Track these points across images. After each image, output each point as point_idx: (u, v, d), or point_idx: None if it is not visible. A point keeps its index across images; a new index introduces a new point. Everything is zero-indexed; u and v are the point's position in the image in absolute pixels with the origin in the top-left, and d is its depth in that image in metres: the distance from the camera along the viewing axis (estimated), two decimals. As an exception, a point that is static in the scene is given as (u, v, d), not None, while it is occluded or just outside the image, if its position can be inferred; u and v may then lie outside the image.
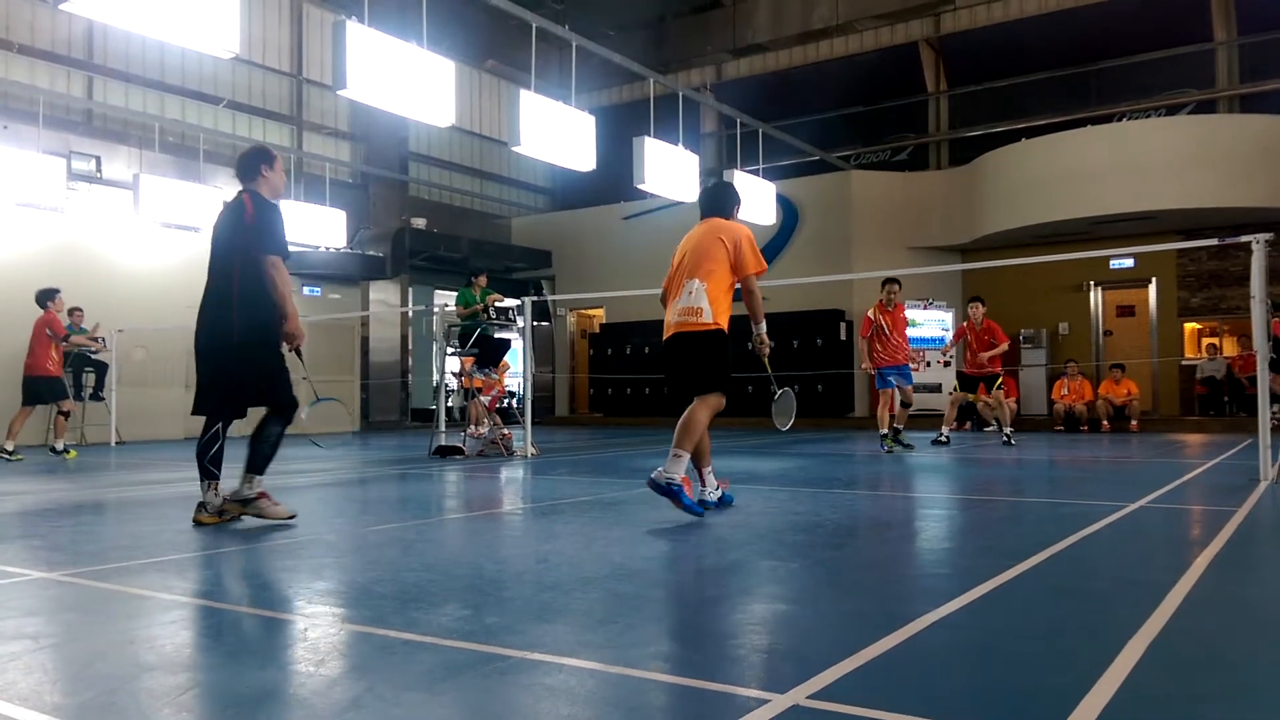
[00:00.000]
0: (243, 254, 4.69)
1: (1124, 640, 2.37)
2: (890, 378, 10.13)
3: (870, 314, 10.23)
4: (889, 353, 10.09)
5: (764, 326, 5.25)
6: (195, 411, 4.77)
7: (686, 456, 4.77)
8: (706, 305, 4.93)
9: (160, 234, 14.26)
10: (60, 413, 10.38)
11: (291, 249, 4.63)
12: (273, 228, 4.72)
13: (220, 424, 4.73)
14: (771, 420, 5.70)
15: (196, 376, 4.76)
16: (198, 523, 4.70)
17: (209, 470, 4.69)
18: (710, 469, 5.15)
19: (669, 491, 4.71)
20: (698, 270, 4.97)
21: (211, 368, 4.71)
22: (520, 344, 10.96)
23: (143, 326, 13.35)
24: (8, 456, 9.82)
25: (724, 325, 4.98)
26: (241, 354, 4.66)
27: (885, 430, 9.98)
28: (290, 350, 4.79)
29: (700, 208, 5.36)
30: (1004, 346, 10.81)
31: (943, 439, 10.83)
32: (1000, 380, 11.10)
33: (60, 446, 10.26)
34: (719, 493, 5.13)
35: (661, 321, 5.21)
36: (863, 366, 10.64)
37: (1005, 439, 10.87)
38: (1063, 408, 14.68)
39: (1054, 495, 6.12)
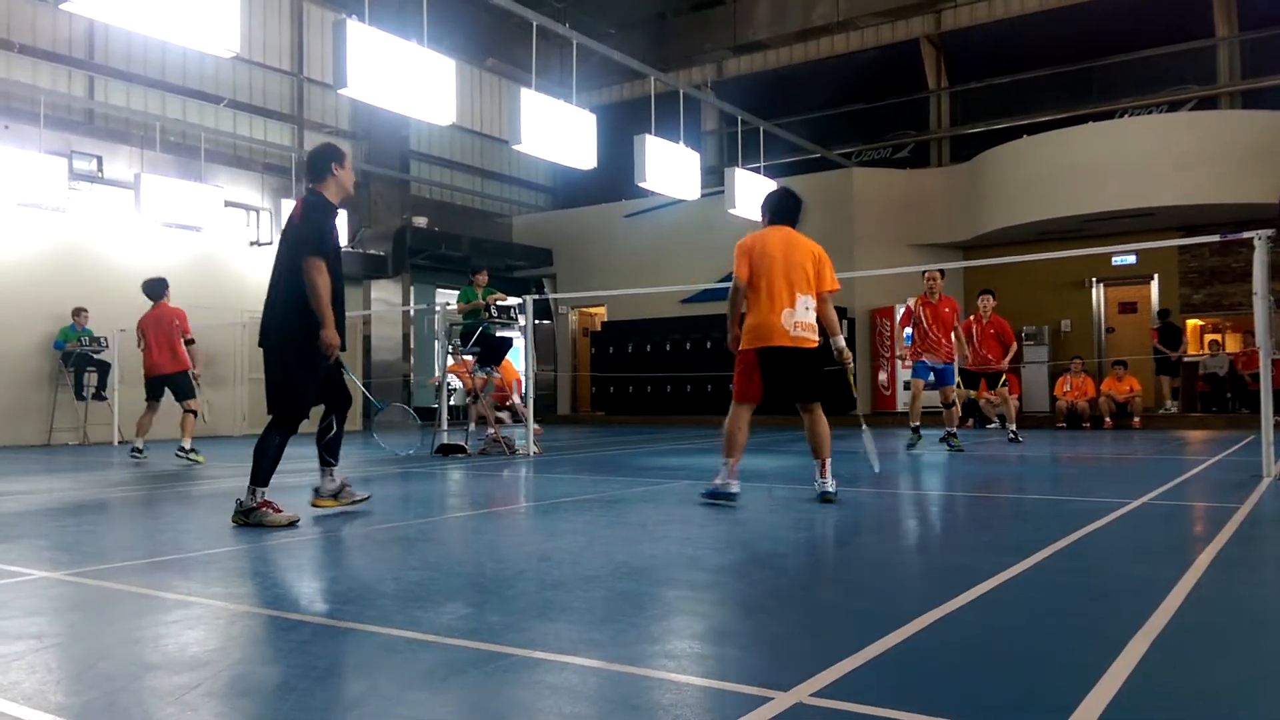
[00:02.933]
0: (289, 256, 4.67)
1: (1127, 637, 2.37)
2: (925, 369, 9.67)
3: (911, 304, 9.83)
4: (925, 347, 9.61)
5: (842, 339, 5.63)
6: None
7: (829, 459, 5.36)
8: (817, 325, 5.43)
9: (162, 233, 14.26)
10: (187, 411, 9.44)
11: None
12: (319, 229, 4.67)
13: (334, 416, 4.98)
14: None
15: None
16: (315, 505, 5.01)
17: (324, 459, 4.99)
18: (828, 460, 5.44)
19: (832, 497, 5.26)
20: (808, 287, 5.35)
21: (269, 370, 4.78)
22: (522, 342, 10.97)
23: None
24: (137, 455, 9.31)
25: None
26: (271, 355, 4.75)
27: (915, 423, 9.62)
28: (330, 359, 4.75)
29: (771, 212, 5.65)
30: (1014, 348, 10.74)
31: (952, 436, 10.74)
32: (1004, 377, 10.94)
33: (188, 445, 9.22)
34: (834, 483, 5.39)
35: (666, 319, 5.35)
36: (900, 357, 10.42)
37: (1011, 436, 10.73)
38: (1065, 405, 14.66)
39: (1056, 492, 6.12)
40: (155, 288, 9.56)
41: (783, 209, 5.65)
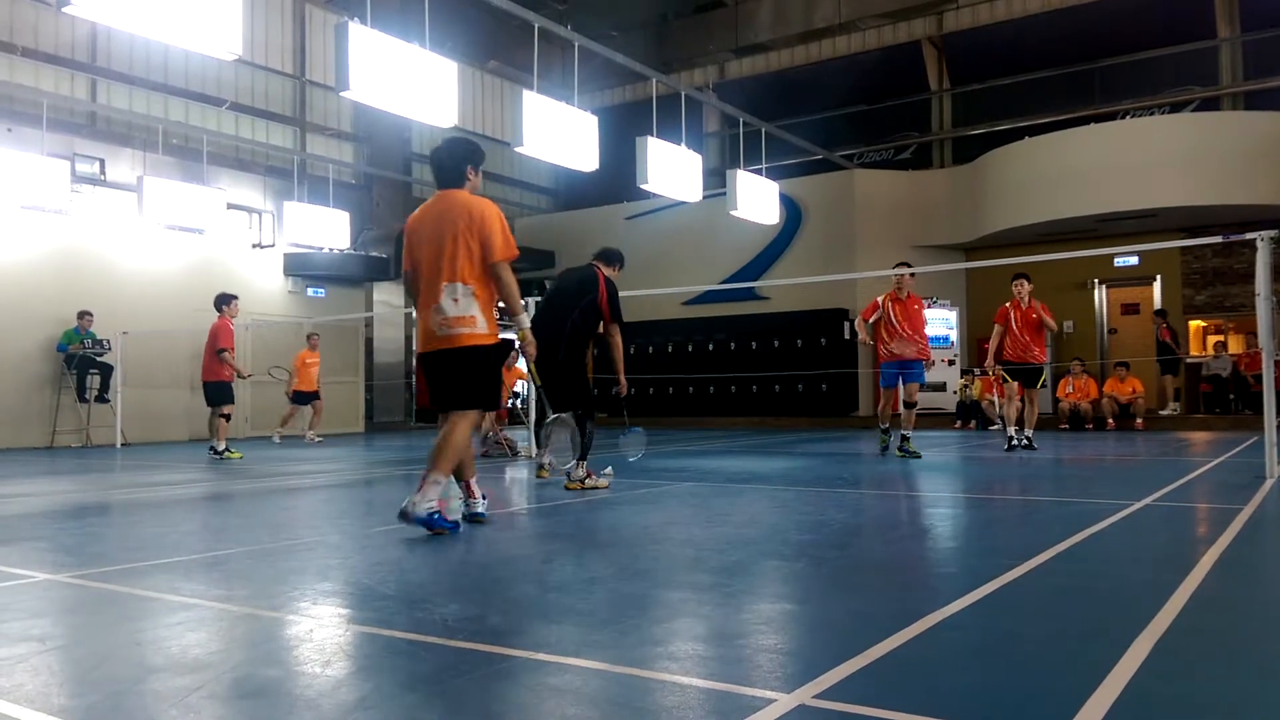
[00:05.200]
0: (583, 309, 6.33)
1: (1130, 639, 2.36)
2: (893, 374, 9.14)
3: (879, 299, 9.23)
4: (896, 345, 9.00)
5: (525, 319, 4.56)
6: (555, 409, 6.17)
7: (446, 481, 4.37)
8: (479, 313, 4.36)
9: (164, 236, 14.28)
10: (220, 415, 10.36)
11: (294, 251, 4.96)
12: (618, 305, 6.47)
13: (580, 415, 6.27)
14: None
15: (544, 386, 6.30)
16: (568, 488, 6.27)
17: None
18: (475, 479, 4.74)
19: (429, 523, 4.24)
20: (455, 271, 4.32)
21: (549, 379, 6.19)
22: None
23: (147, 330, 13.38)
24: (219, 455, 10.09)
25: (496, 335, 4.47)
26: (561, 370, 6.29)
27: (884, 425, 9.26)
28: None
29: (434, 175, 4.62)
30: (1050, 323, 9.61)
31: (1023, 442, 9.59)
32: (1043, 377, 9.82)
33: (221, 448, 10.19)
34: (485, 503, 4.75)
35: (668, 321, 5.21)
36: (860, 337, 9.54)
37: (1025, 441, 9.66)
38: (1067, 406, 14.65)
39: (1059, 494, 6.11)
40: (215, 301, 10.50)
41: (442, 169, 4.56)
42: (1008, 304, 9.71)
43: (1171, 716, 1.92)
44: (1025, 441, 9.64)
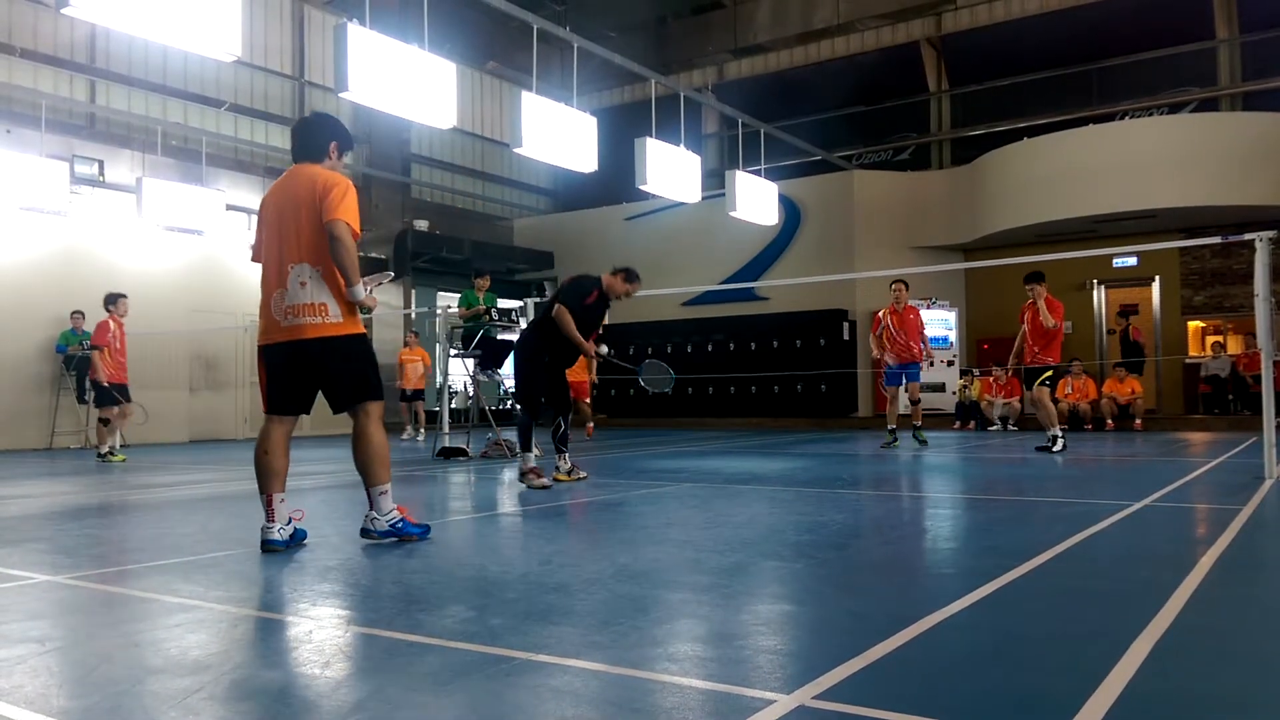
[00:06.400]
0: (547, 310, 6.94)
1: (1130, 640, 2.37)
2: (896, 375, 10.53)
3: (880, 313, 10.63)
4: (894, 351, 10.41)
5: (360, 290, 3.94)
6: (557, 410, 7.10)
7: (389, 485, 4.13)
8: (330, 299, 3.90)
9: (163, 237, 14.28)
10: (100, 419, 10.50)
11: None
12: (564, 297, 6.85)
13: (561, 417, 7.06)
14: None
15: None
16: (556, 480, 6.81)
17: (558, 448, 7.03)
18: (283, 497, 4.02)
19: (396, 533, 4.10)
20: (300, 251, 3.88)
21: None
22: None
23: (146, 331, 13.35)
24: (102, 458, 10.15)
25: (357, 325, 4.04)
26: (552, 371, 6.97)
27: (892, 425, 10.59)
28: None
29: (293, 148, 4.18)
30: (1051, 322, 9.50)
31: (1051, 445, 9.60)
32: (1047, 375, 9.78)
33: (104, 450, 10.30)
34: (291, 528, 4.04)
35: (667, 322, 5.17)
36: (874, 355, 10.77)
37: (1049, 443, 9.61)
38: (1066, 407, 14.65)
39: (1058, 495, 6.11)
40: (104, 300, 10.66)
41: (304, 140, 4.14)
42: (1025, 303, 9.93)
43: (1171, 717, 1.92)
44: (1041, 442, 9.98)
